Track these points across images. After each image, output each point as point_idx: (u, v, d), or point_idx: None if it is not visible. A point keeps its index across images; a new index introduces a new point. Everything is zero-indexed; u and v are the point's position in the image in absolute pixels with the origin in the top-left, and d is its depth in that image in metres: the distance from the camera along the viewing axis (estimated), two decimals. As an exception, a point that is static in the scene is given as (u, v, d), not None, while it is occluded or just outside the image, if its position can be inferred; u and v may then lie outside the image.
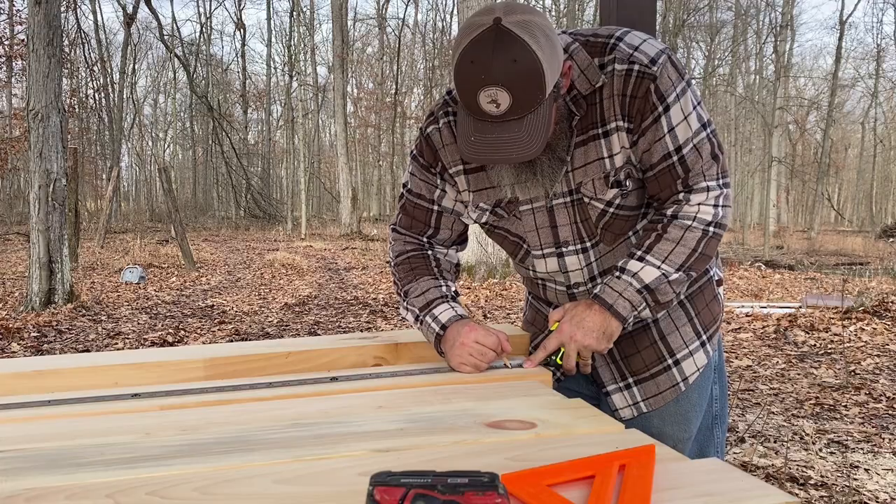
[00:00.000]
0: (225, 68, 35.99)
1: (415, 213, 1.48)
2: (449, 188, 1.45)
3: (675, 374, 1.43)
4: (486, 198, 1.40)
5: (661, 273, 1.28)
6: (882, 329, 6.09)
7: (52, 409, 1.13)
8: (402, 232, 1.51)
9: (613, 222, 1.35)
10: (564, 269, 1.41)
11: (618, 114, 1.27)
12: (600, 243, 1.38)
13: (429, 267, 1.46)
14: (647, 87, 1.24)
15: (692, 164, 1.27)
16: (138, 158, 36.64)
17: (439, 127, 1.43)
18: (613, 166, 1.31)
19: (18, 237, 16.68)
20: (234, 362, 1.35)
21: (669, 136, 1.26)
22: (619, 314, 1.29)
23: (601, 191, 1.32)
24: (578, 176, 1.33)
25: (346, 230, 21.13)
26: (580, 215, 1.36)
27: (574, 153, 1.32)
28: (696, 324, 1.43)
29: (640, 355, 1.43)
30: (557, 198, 1.36)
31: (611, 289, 1.30)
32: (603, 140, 1.30)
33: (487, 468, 0.76)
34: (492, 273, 9.31)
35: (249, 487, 0.79)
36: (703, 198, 1.28)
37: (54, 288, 7.35)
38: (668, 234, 1.29)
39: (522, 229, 1.40)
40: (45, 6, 7.14)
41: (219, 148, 27.44)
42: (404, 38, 32.18)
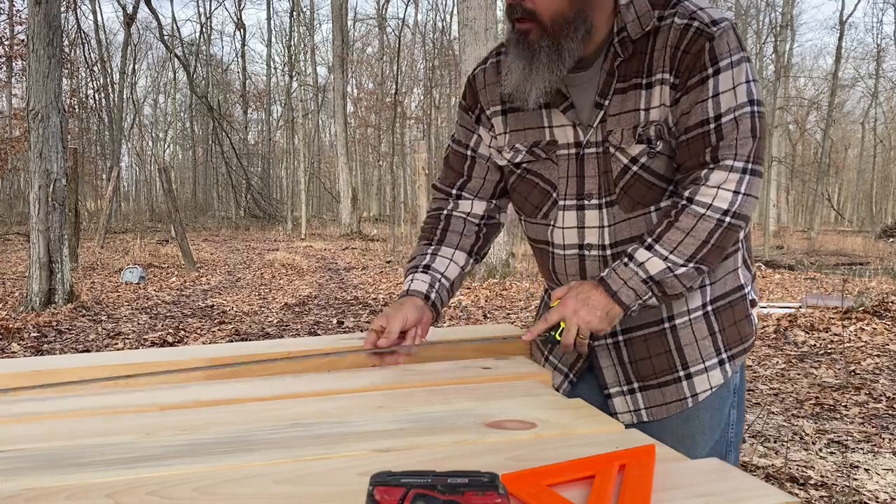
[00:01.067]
0: (225, 68, 36.00)
1: (452, 162, 1.48)
2: (484, 132, 1.43)
3: (685, 388, 1.35)
4: (524, 138, 1.37)
5: (666, 266, 1.22)
6: (882, 329, 6.09)
7: (51, 408, 1.13)
8: (437, 187, 1.51)
9: (633, 184, 1.28)
10: (581, 224, 1.34)
11: (666, 66, 1.22)
12: (616, 205, 1.30)
13: (433, 230, 1.46)
14: (703, 45, 1.19)
15: (726, 133, 1.19)
16: (138, 158, 36.65)
17: (485, 67, 1.43)
18: (647, 119, 1.25)
19: (18, 237, 16.68)
20: (233, 362, 1.35)
21: (713, 100, 1.20)
22: (623, 302, 1.24)
23: (627, 142, 1.26)
24: (611, 124, 1.28)
25: (346, 230, 21.14)
26: (604, 167, 1.30)
27: (612, 99, 1.27)
28: (719, 340, 1.35)
29: (650, 361, 1.36)
30: (590, 146, 1.30)
31: (617, 275, 1.25)
32: (644, 91, 1.25)
33: (487, 468, 0.76)
34: (492, 273, 9.31)
35: (249, 487, 0.79)
36: (722, 178, 1.19)
37: (54, 288, 7.35)
38: (680, 223, 1.22)
39: (557, 174, 1.35)
40: (45, 6, 7.14)
41: (219, 148, 27.44)
42: (404, 38, 32.18)
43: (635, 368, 1.37)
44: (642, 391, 1.37)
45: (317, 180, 35.63)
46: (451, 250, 1.44)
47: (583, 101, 1.30)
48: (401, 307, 1.35)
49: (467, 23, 8.67)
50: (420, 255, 1.44)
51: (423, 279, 1.40)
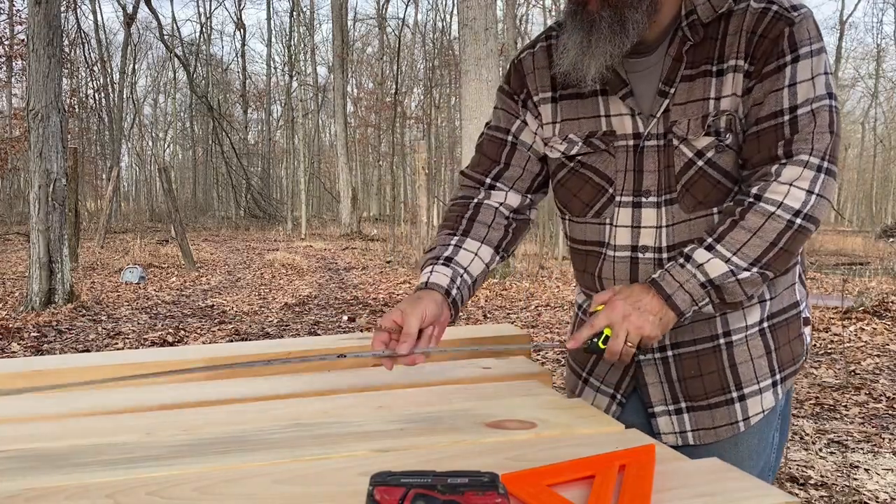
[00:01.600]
0: (225, 68, 36.00)
1: (487, 149, 1.35)
2: (531, 119, 1.32)
3: (738, 411, 1.23)
4: (579, 128, 1.26)
5: (729, 269, 1.10)
6: (882, 329, 6.09)
7: (52, 408, 1.13)
8: (467, 174, 1.37)
9: (697, 181, 1.17)
10: (637, 224, 1.22)
11: (740, 52, 1.12)
12: (677, 203, 1.19)
13: (459, 219, 1.31)
14: (782, 30, 1.09)
15: (802, 126, 1.09)
16: (138, 158, 36.65)
17: (534, 51, 1.33)
18: (717, 109, 1.14)
19: (18, 237, 16.68)
20: (233, 362, 1.35)
21: (789, 90, 1.10)
22: (677, 307, 1.11)
23: (694, 133, 1.15)
24: (676, 113, 1.17)
25: (346, 230, 21.13)
26: (666, 161, 1.19)
27: (678, 87, 1.17)
28: (774, 359, 1.24)
29: (701, 380, 1.24)
30: (650, 138, 1.19)
31: (671, 277, 1.12)
32: (715, 79, 1.14)
33: (487, 468, 0.76)
34: (492, 273, 9.30)
35: (249, 487, 0.79)
36: (796, 174, 1.09)
37: (54, 288, 7.35)
38: (746, 222, 1.10)
39: (614, 168, 1.23)
40: (45, 6, 7.14)
41: (219, 148, 27.44)
42: (404, 38, 32.17)
43: (684, 387, 1.25)
44: (690, 412, 1.25)
45: (317, 180, 35.63)
46: (477, 244, 1.29)
47: (643, 89, 1.20)
48: (418, 301, 1.16)
49: (467, 23, 8.66)
50: (442, 245, 1.28)
51: (444, 272, 1.23)
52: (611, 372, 1.31)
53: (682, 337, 1.24)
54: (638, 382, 1.29)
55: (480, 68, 8.93)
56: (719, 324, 1.22)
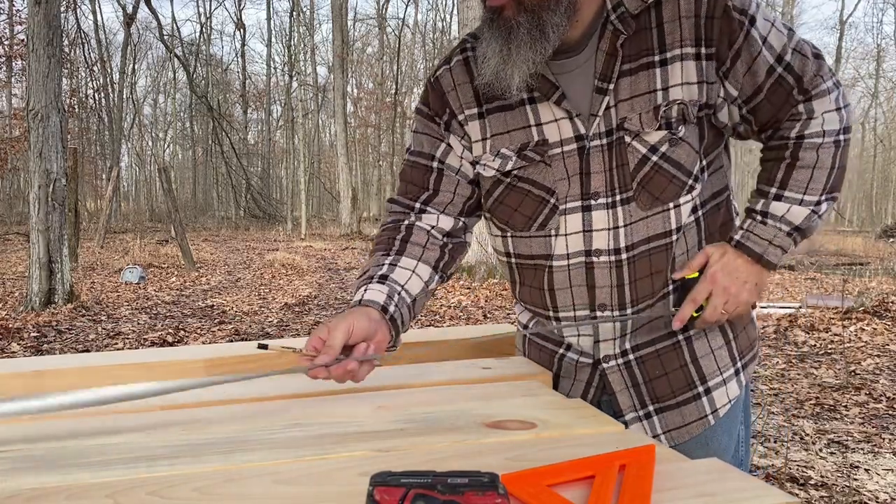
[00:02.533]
0: (225, 68, 36.02)
1: (412, 176, 1.29)
2: (455, 142, 1.26)
3: (705, 405, 1.24)
4: (510, 142, 1.21)
5: (809, 210, 1.14)
6: (882, 329, 6.09)
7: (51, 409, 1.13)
8: (395, 200, 1.31)
9: (653, 177, 1.15)
10: (588, 228, 1.18)
11: (686, 39, 1.11)
12: (633, 202, 1.16)
13: (390, 241, 1.25)
14: (724, 5, 1.10)
15: (800, 68, 1.12)
16: (138, 158, 36.66)
17: (451, 67, 1.26)
18: (666, 99, 1.12)
19: (18, 237, 16.67)
20: (233, 362, 1.35)
21: (765, 47, 1.11)
22: (771, 262, 1.15)
23: (648, 124, 1.13)
24: (623, 110, 1.14)
25: (346, 230, 21.14)
26: (617, 160, 1.16)
27: (619, 83, 1.14)
28: (734, 348, 1.26)
29: (667, 378, 1.24)
30: (594, 139, 1.16)
31: (757, 237, 1.15)
32: (659, 69, 1.13)
33: (487, 468, 0.76)
34: (492, 273, 9.31)
35: (249, 487, 0.79)
36: (826, 105, 1.13)
37: (54, 288, 7.35)
38: (802, 160, 1.14)
39: (552, 177, 1.19)
40: (45, 6, 7.14)
41: (219, 148, 27.45)
42: (404, 38, 32.19)
43: (650, 389, 1.24)
44: (659, 413, 1.25)
45: (317, 180, 35.63)
46: (414, 261, 1.22)
47: (576, 89, 1.16)
48: (346, 316, 1.08)
49: (467, 23, 8.66)
50: (375, 265, 1.21)
51: (379, 289, 1.16)
52: (575, 385, 1.29)
53: (640, 339, 1.23)
54: (605, 391, 1.27)
55: (480, 68, 8.91)
56: None
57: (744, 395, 1.29)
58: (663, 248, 1.18)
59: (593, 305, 1.22)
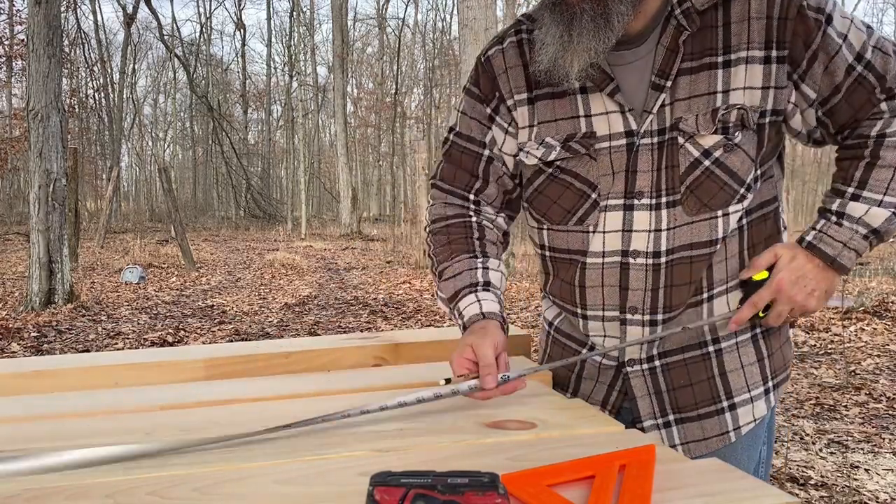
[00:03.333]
0: (225, 68, 36.02)
1: (462, 161, 1.25)
2: (499, 132, 1.22)
3: (728, 421, 1.19)
4: (556, 131, 1.16)
5: (890, 213, 1.07)
6: (882, 329, 6.09)
7: (52, 408, 1.13)
8: (445, 188, 1.27)
9: (703, 182, 1.10)
10: (628, 227, 1.13)
11: (755, 41, 1.06)
12: (679, 206, 1.11)
13: (469, 240, 1.22)
14: (798, 4, 1.05)
15: (882, 66, 1.07)
16: (138, 158, 36.67)
17: (503, 48, 1.22)
18: (726, 103, 1.08)
19: (18, 237, 16.68)
20: (234, 362, 1.35)
21: (845, 45, 1.06)
22: (844, 267, 1.10)
23: (704, 127, 1.08)
24: (679, 109, 1.09)
25: (346, 230, 21.13)
26: (667, 161, 1.11)
27: (678, 80, 1.09)
28: (766, 366, 1.21)
29: (691, 389, 1.18)
30: (645, 136, 1.11)
31: (831, 238, 1.09)
32: (721, 71, 1.08)
33: (487, 468, 0.76)
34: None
35: (249, 487, 0.79)
36: None
37: (54, 288, 7.36)
38: (883, 159, 1.08)
39: (597, 172, 1.14)
40: (45, 6, 7.14)
41: (219, 148, 27.46)
42: (404, 38, 32.20)
43: (673, 398, 1.19)
44: (678, 424, 1.20)
45: (317, 180, 35.63)
46: (497, 262, 1.22)
47: (632, 84, 1.12)
48: (485, 332, 1.09)
49: (467, 23, 8.67)
50: (470, 270, 1.19)
51: (491, 299, 1.16)
52: (596, 388, 1.26)
53: (668, 345, 1.19)
54: (626, 396, 1.23)
55: (480, 68, 8.91)
56: (707, 330, 1.18)
57: (769, 415, 1.24)
58: (705, 256, 1.14)
59: (624, 307, 1.17)
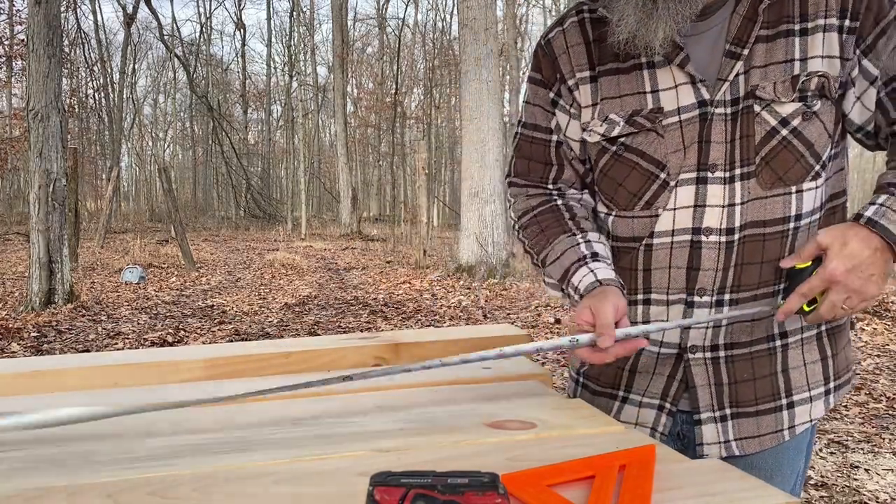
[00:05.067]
0: (225, 68, 36.03)
1: (532, 152, 1.23)
2: (563, 116, 1.20)
3: (784, 419, 1.15)
4: (621, 107, 1.13)
5: None
6: (882, 329, 6.09)
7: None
8: (521, 183, 1.25)
9: (779, 153, 1.06)
10: (702, 202, 1.08)
11: (831, 9, 1.03)
12: (753, 178, 1.07)
13: (562, 221, 1.19)
14: None
15: None
16: (138, 158, 36.67)
17: (564, 28, 1.20)
18: (805, 70, 1.04)
19: (18, 237, 16.68)
20: (234, 362, 1.35)
21: None
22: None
23: (784, 94, 1.04)
24: (756, 77, 1.06)
25: (346, 230, 21.14)
26: (742, 131, 1.06)
27: (755, 48, 1.06)
28: (829, 366, 1.16)
29: (753, 384, 1.14)
30: (719, 105, 1.07)
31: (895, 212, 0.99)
32: (798, 38, 1.04)
33: (487, 468, 0.76)
34: (492, 273, 9.31)
35: (249, 487, 0.79)
36: None
37: (54, 288, 7.36)
38: None
39: (664, 150, 1.10)
40: (45, 6, 7.14)
41: (219, 148, 27.46)
42: (404, 38, 32.20)
43: (733, 391, 1.15)
44: (734, 419, 1.15)
45: (317, 180, 35.63)
46: (598, 234, 1.17)
47: (702, 54, 1.08)
48: (605, 295, 1.04)
49: (467, 23, 8.67)
50: (572, 248, 1.15)
51: (604, 267, 1.11)
52: (654, 381, 1.20)
53: (738, 337, 1.13)
54: (687, 385, 1.17)
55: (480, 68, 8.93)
56: (776, 324, 1.13)
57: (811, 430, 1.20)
58: (779, 234, 1.08)
59: (692, 289, 1.11)
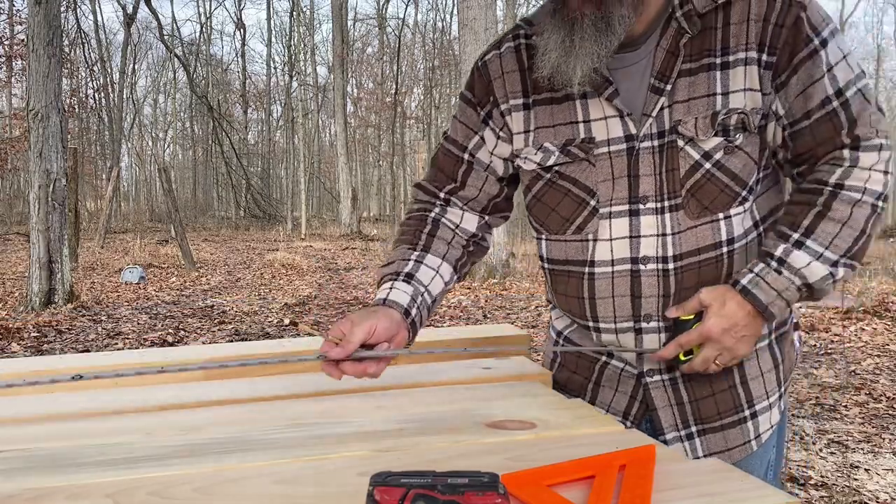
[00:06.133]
0: (225, 68, 36.02)
1: (443, 164, 1.27)
2: (490, 136, 1.22)
3: (750, 429, 1.18)
4: (555, 136, 1.15)
5: (828, 271, 1.03)
6: (882, 329, 6.10)
7: (52, 408, 1.13)
8: (422, 186, 1.29)
9: (704, 185, 1.08)
10: (637, 233, 1.12)
11: (752, 43, 1.04)
12: (681, 210, 1.10)
13: (417, 233, 1.22)
14: (798, 15, 1.02)
15: (858, 111, 1.03)
16: (138, 158, 36.64)
17: (500, 52, 1.21)
18: (726, 106, 1.06)
19: (18, 237, 16.67)
20: (233, 362, 1.35)
21: (828, 76, 1.02)
22: (773, 315, 1.06)
23: (704, 132, 1.06)
24: (678, 112, 1.08)
25: (346, 230, 21.14)
26: (667, 164, 1.09)
27: (678, 83, 1.08)
28: (780, 372, 1.20)
29: (714, 399, 1.17)
30: (645, 139, 1.10)
31: (768, 285, 1.05)
32: (720, 73, 1.06)
33: (487, 468, 0.76)
34: (492, 273, 9.31)
35: (249, 487, 0.79)
36: (874, 159, 1.03)
37: (54, 288, 7.35)
38: (834, 213, 1.03)
39: (595, 178, 1.13)
40: (45, 6, 7.14)
41: (219, 148, 27.43)
42: (404, 38, 32.19)
43: (696, 408, 1.18)
44: (701, 435, 1.18)
45: (317, 180, 35.62)
46: (438, 261, 1.21)
47: (630, 87, 1.11)
48: (371, 314, 1.07)
49: (467, 23, 8.67)
50: (402, 260, 1.19)
51: (404, 290, 1.14)
52: (617, 398, 1.23)
53: None
54: (647, 407, 1.20)
55: (480, 68, 8.91)
56: None
57: (780, 419, 1.23)
58: (713, 260, 1.11)
59: (638, 316, 1.15)
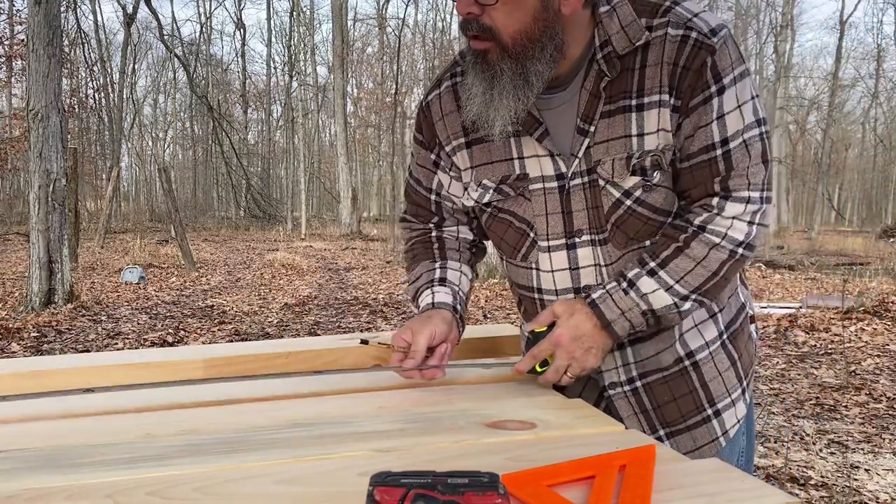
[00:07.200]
0: (225, 68, 36.03)
1: (418, 202, 1.34)
2: (444, 176, 1.29)
3: (716, 427, 1.22)
4: (492, 173, 1.20)
5: (672, 301, 1.10)
6: (882, 329, 6.10)
7: (52, 408, 1.13)
8: (409, 219, 1.37)
9: (627, 220, 1.14)
10: (575, 265, 1.18)
11: (664, 86, 1.07)
12: (609, 242, 1.16)
13: (430, 250, 1.32)
14: (704, 59, 1.05)
15: (737, 162, 1.07)
16: (138, 158, 36.66)
17: (440, 92, 1.25)
18: (641, 147, 1.10)
19: (18, 237, 16.68)
20: (233, 362, 1.35)
21: (717, 123, 1.06)
22: (616, 334, 1.12)
23: (620, 174, 1.11)
24: (598, 152, 1.11)
25: (346, 230, 21.14)
26: (593, 201, 1.14)
27: (599, 124, 1.11)
28: (739, 368, 1.24)
29: (675, 404, 1.21)
30: (575, 177, 1.14)
31: (615, 304, 1.11)
32: (635, 114, 1.09)
33: (487, 468, 0.76)
34: (492, 273, 9.31)
35: (249, 487, 0.79)
36: (739, 210, 1.08)
37: (54, 288, 7.35)
38: (691, 251, 1.09)
39: (531, 212, 1.19)
40: (45, 6, 7.14)
41: (219, 148, 27.43)
42: (404, 38, 32.17)
43: (660, 414, 1.22)
44: (670, 437, 1.22)
45: (317, 180, 35.63)
46: (458, 264, 1.30)
47: (560, 127, 1.14)
48: (428, 320, 1.16)
49: (467, 23, 8.65)
50: (428, 271, 1.28)
51: (445, 292, 1.24)
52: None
53: (647, 366, 1.21)
54: (613, 417, 1.24)
55: (480, 68, 8.90)
56: (679, 347, 1.20)
57: (748, 410, 1.27)
58: None
59: None
